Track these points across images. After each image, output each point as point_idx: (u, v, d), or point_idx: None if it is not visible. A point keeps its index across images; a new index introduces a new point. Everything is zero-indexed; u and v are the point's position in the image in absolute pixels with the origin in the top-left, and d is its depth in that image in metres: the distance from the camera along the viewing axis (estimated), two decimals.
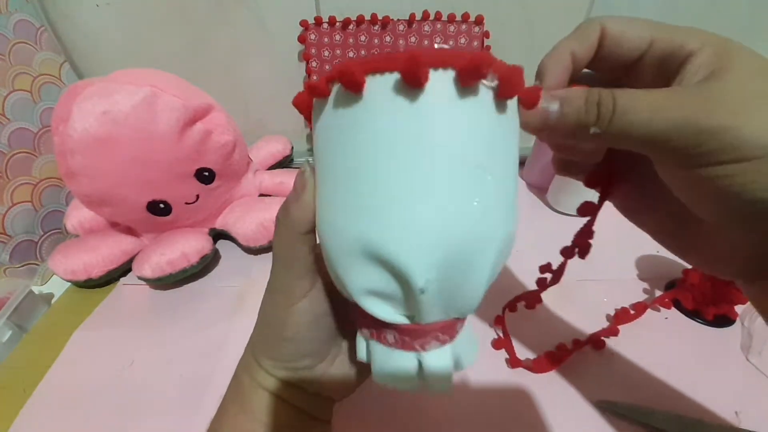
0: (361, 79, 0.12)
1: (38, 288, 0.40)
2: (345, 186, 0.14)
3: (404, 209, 0.13)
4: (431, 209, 0.12)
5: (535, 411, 0.29)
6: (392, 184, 0.13)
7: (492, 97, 0.13)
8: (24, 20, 0.43)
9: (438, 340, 0.15)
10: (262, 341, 0.20)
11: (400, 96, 0.12)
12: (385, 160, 0.13)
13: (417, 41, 0.47)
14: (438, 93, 0.12)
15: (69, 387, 0.32)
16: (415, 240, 0.13)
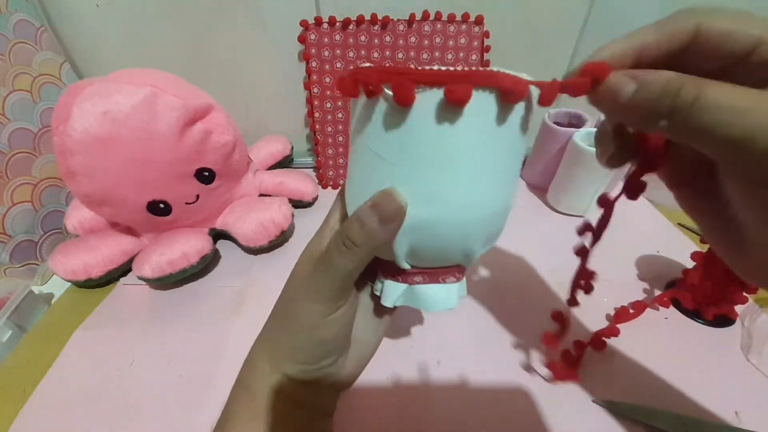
0: (411, 96, 0.14)
1: (38, 288, 0.40)
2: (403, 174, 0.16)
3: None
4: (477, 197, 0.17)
5: (535, 411, 0.29)
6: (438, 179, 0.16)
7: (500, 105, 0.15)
8: (24, 20, 0.43)
9: (454, 277, 0.20)
10: (288, 344, 0.20)
11: (445, 111, 0.15)
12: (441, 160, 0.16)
13: (417, 41, 0.47)
14: (478, 111, 0.15)
15: (69, 387, 0.32)
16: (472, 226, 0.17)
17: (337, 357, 0.20)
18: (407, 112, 0.15)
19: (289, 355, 0.20)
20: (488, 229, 0.18)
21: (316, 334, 0.19)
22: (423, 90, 0.14)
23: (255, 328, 0.36)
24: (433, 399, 0.30)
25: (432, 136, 0.15)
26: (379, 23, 0.46)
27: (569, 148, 0.45)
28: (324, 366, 0.20)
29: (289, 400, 0.20)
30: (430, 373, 0.32)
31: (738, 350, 0.33)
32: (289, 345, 0.20)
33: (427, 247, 0.18)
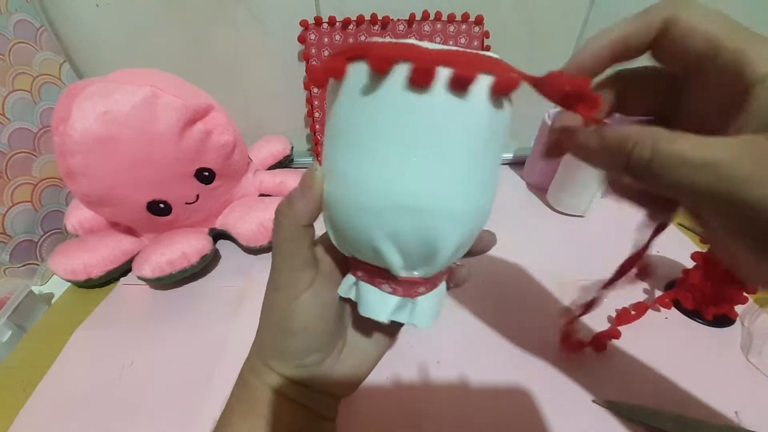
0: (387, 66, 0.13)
1: (38, 288, 0.40)
2: (369, 149, 0.14)
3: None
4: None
5: (535, 411, 0.29)
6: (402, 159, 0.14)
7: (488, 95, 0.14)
8: (24, 20, 0.43)
9: (390, 287, 0.18)
10: (268, 340, 0.20)
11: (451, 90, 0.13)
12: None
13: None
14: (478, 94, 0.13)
15: (69, 387, 0.32)
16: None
17: (321, 357, 0.20)
18: (338, 86, 0.15)
19: (271, 351, 0.20)
20: (399, 227, 0.15)
21: (284, 326, 0.19)
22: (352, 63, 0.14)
23: (255, 328, 0.36)
24: (433, 399, 0.30)
25: (338, 109, 0.15)
26: (379, 23, 0.46)
27: None
28: (307, 365, 0.20)
29: (283, 397, 0.20)
30: (430, 373, 0.32)
31: (738, 350, 0.33)
32: (270, 341, 0.20)
33: (339, 229, 0.17)
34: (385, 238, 0.15)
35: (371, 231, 0.15)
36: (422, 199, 0.14)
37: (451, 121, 0.13)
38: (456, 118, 0.13)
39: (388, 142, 0.14)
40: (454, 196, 0.15)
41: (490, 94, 0.13)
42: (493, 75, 0.13)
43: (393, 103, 0.13)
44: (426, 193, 0.14)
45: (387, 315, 0.18)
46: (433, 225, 0.15)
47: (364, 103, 0.14)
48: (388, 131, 0.14)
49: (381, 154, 0.14)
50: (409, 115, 0.13)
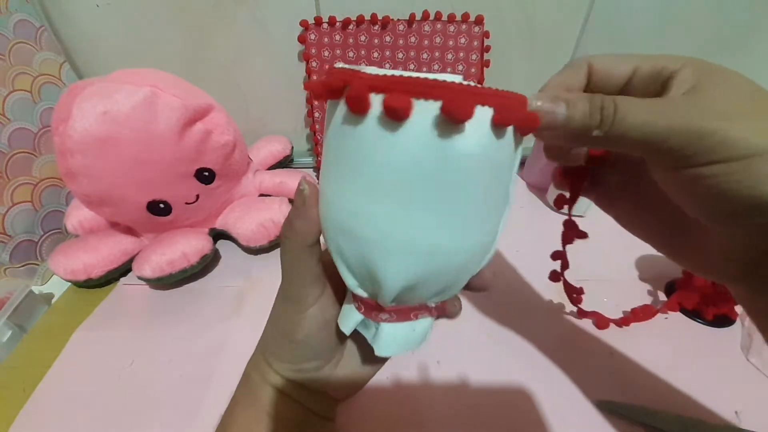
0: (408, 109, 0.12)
1: (38, 288, 0.40)
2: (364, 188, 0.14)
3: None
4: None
5: (535, 411, 0.29)
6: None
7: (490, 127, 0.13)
8: (24, 20, 0.43)
9: (386, 314, 0.18)
10: (272, 343, 0.21)
11: (442, 128, 0.13)
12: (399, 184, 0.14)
13: (417, 41, 0.47)
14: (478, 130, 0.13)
15: (69, 387, 0.32)
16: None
17: (321, 364, 0.21)
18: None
19: (274, 353, 0.21)
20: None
21: (289, 334, 0.20)
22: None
23: (255, 328, 0.36)
24: (433, 399, 0.30)
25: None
26: (379, 23, 0.46)
27: None
28: (306, 369, 0.21)
29: (283, 395, 0.21)
30: (430, 373, 0.32)
31: (738, 350, 0.33)
32: (273, 344, 0.21)
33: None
34: (336, 254, 0.16)
35: (330, 246, 0.17)
36: (360, 226, 0.15)
37: (379, 152, 0.13)
38: (384, 149, 0.13)
39: (341, 166, 0.15)
40: (390, 230, 0.14)
41: (432, 124, 0.12)
42: (440, 101, 0.12)
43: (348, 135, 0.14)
44: (363, 221, 0.15)
45: (349, 328, 0.19)
46: (369, 253, 0.15)
47: (337, 132, 0.14)
48: (343, 158, 0.14)
49: (336, 178, 0.15)
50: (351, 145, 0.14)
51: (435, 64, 0.48)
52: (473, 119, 0.12)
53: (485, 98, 0.13)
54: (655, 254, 0.21)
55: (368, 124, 0.13)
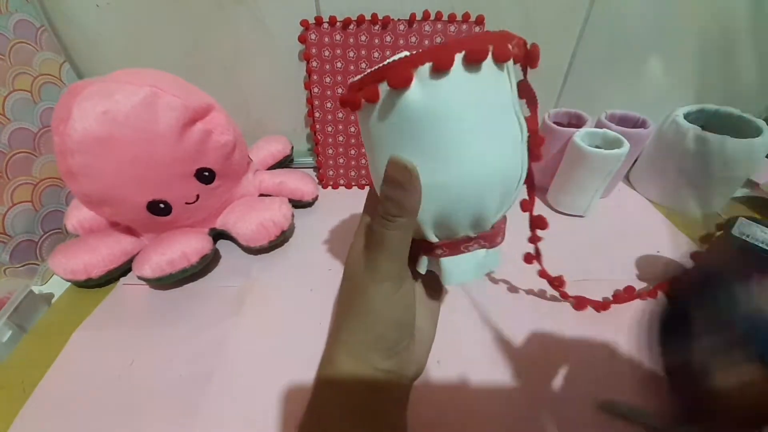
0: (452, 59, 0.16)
1: (38, 288, 0.40)
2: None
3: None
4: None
5: (535, 411, 0.29)
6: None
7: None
8: (24, 20, 0.43)
9: (478, 245, 0.21)
10: (369, 336, 0.21)
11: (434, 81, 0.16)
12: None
13: (417, 41, 0.47)
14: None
15: (69, 387, 0.32)
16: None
17: (408, 341, 0.22)
18: (405, 96, 0.16)
19: (372, 345, 0.21)
20: (499, 187, 0.19)
21: (390, 315, 0.20)
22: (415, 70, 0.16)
23: (255, 328, 0.36)
24: (433, 399, 0.30)
25: (424, 106, 0.16)
26: (380, 23, 0.46)
27: (569, 148, 0.45)
28: (401, 351, 0.21)
29: (375, 389, 0.21)
30: (430, 373, 0.32)
31: None
32: (372, 335, 0.21)
33: (452, 212, 0.19)
34: (495, 201, 0.19)
35: (484, 198, 0.18)
36: (502, 160, 0.18)
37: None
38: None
39: (465, 121, 0.17)
40: (512, 154, 0.19)
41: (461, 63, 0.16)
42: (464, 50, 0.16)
43: (455, 90, 0.17)
44: (501, 154, 0.18)
45: (424, 267, 0.22)
46: (505, 179, 0.19)
47: (432, 97, 0.17)
48: (462, 113, 0.17)
49: (467, 131, 0.17)
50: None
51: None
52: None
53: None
54: (656, 254, 0.21)
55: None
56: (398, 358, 0.21)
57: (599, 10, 0.48)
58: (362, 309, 0.21)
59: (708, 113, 0.46)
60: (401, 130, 0.17)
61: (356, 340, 0.21)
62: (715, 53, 0.51)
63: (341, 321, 0.22)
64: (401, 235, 0.19)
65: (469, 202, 0.18)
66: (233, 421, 0.29)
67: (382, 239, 0.19)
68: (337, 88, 0.50)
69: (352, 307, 0.21)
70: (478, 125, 0.17)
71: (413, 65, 0.16)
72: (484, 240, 0.21)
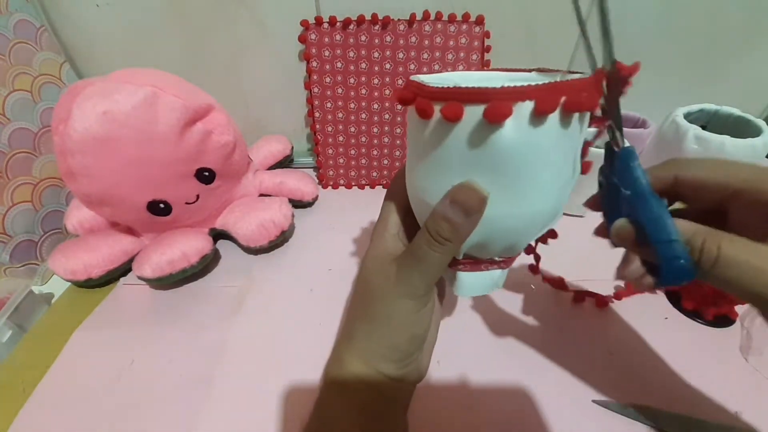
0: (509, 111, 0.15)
1: (38, 288, 0.40)
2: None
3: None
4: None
5: (535, 411, 0.29)
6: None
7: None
8: (24, 20, 0.43)
9: (498, 266, 0.22)
10: (383, 346, 0.21)
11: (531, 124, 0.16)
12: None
13: (417, 41, 0.47)
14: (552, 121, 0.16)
15: (69, 387, 0.32)
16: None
17: (419, 353, 0.22)
18: (497, 128, 0.16)
19: (388, 354, 0.21)
20: (547, 222, 0.20)
21: (411, 330, 0.20)
22: (516, 105, 0.15)
23: (255, 328, 0.36)
24: (433, 399, 0.30)
25: (513, 144, 0.16)
26: (380, 23, 0.46)
27: None
28: (412, 361, 0.21)
29: (382, 394, 0.21)
30: (430, 372, 0.31)
31: (738, 350, 0.33)
32: (387, 345, 0.21)
33: (494, 240, 0.19)
34: (537, 233, 0.20)
35: (532, 233, 0.20)
36: (559, 202, 0.19)
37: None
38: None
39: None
40: (566, 196, 0.20)
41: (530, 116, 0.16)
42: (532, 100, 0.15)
43: (543, 134, 0.16)
44: (560, 197, 0.19)
45: (487, 289, 0.23)
46: (554, 217, 0.20)
47: (519, 137, 0.16)
48: (542, 157, 0.17)
49: (540, 174, 0.17)
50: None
51: (435, 64, 0.48)
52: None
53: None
54: None
55: (431, 125, 0.17)
56: (408, 368, 0.21)
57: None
58: (382, 318, 0.20)
59: (708, 113, 0.46)
60: (478, 157, 0.17)
61: (370, 347, 0.21)
62: (715, 53, 0.51)
63: (356, 324, 0.22)
64: (444, 259, 0.19)
65: (515, 234, 0.19)
66: (233, 421, 0.29)
67: (425, 258, 0.19)
68: (337, 88, 0.50)
69: (370, 313, 0.21)
70: (554, 167, 0.17)
71: (514, 100, 0.15)
72: (506, 264, 0.22)
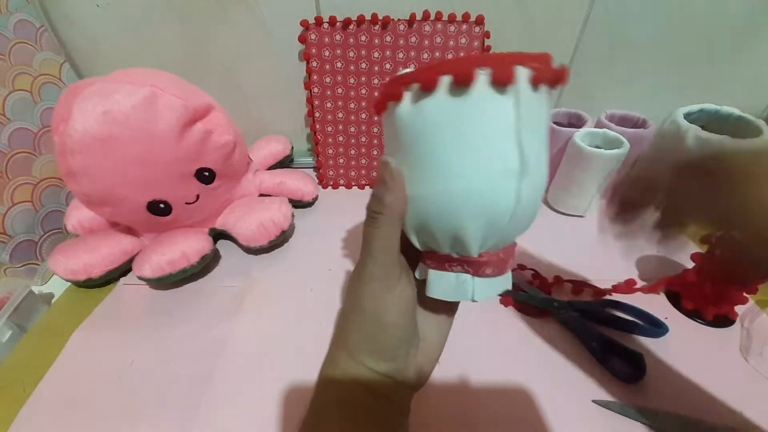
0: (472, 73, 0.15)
1: (38, 288, 0.40)
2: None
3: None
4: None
5: (535, 411, 0.29)
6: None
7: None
8: (24, 20, 0.43)
9: (461, 267, 0.20)
10: (360, 338, 0.21)
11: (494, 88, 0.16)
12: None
13: (417, 41, 0.47)
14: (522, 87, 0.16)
15: (69, 387, 0.32)
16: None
17: (407, 348, 0.21)
18: (395, 107, 0.18)
19: (365, 345, 0.21)
20: (481, 214, 0.17)
21: (382, 317, 0.20)
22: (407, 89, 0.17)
23: (255, 328, 0.36)
24: (433, 399, 0.30)
25: (410, 121, 0.17)
26: (380, 23, 0.46)
27: (569, 148, 0.45)
28: (397, 357, 0.21)
29: (372, 391, 0.21)
30: None
31: (738, 351, 0.33)
32: (363, 336, 0.21)
33: (432, 224, 0.19)
34: (473, 223, 0.18)
35: (458, 218, 0.18)
36: (484, 179, 0.17)
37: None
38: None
39: (442, 138, 0.17)
40: (495, 175, 0.18)
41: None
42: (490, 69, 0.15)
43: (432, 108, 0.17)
44: (482, 174, 0.17)
45: (451, 295, 0.20)
46: (488, 202, 0.18)
47: (403, 118, 0.17)
48: (437, 131, 0.17)
49: (443, 148, 0.17)
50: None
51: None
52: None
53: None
54: (655, 254, 0.21)
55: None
56: (395, 364, 0.21)
57: (599, 10, 0.48)
58: (354, 309, 0.21)
59: (708, 113, 0.46)
60: (394, 137, 0.19)
61: (351, 339, 0.21)
62: (715, 53, 0.51)
63: (340, 321, 0.22)
64: (383, 235, 0.19)
65: (446, 221, 0.18)
66: (233, 420, 0.29)
67: (368, 237, 0.20)
68: (337, 88, 0.50)
69: (347, 307, 0.21)
70: (458, 147, 0.17)
71: (405, 83, 0.17)
72: (468, 265, 0.20)
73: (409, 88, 0.17)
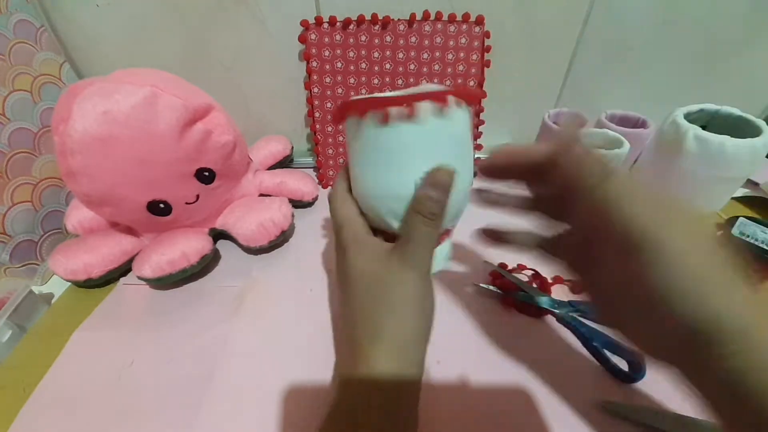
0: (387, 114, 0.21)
1: (38, 288, 0.40)
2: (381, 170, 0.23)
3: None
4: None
5: (535, 411, 0.29)
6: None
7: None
8: (24, 20, 0.43)
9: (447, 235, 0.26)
10: (418, 332, 0.21)
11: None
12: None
13: (417, 41, 0.47)
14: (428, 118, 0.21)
15: (69, 387, 0.32)
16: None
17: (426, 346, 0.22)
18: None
19: (419, 339, 0.21)
20: (391, 205, 0.23)
21: (428, 307, 0.21)
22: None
23: (255, 328, 0.36)
24: (433, 399, 0.30)
25: (359, 144, 0.23)
26: (380, 23, 0.46)
27: None
28: (425, 351, 0.22)
29: (413, 392, 0.21)
30: (430, 372, 0.32)
31: None
32: (415, 328, 0.21)
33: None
34: (391, 214, 0.23)
35: (384, 210, 0.23)
36: (392, 188, 0.23)
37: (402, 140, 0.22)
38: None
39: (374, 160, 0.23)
40: (396, 185, 0.23)
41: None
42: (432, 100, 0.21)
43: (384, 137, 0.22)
44: (392, 184, 0.23)
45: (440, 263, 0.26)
46: (392, 200, 0.23)
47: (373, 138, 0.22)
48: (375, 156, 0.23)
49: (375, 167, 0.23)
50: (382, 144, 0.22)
51: (435, 64, 0.48)
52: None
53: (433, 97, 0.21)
54: None
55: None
56: (425, 354, 0.21)
57: (599, 10, 0.48)
58: (406, 304, 0.21)
59: (708, 113, 0.46)
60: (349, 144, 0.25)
61: (402, 335, 0.20)
62: (715, 53, 0.51)
63: (376, 319, 0.21)
64: (435, 234, 0.22)
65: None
66: (233, 421, 0.29)
67: (424, 236, 0.21)
68: (337, 88, 0.50)
69: (388, 304, 0.20)
70: (384, 163, 0.22)
71: (352, 108, 0.23)
72: (447, 235, 0.26)
73: (351, 114, 0.23)
